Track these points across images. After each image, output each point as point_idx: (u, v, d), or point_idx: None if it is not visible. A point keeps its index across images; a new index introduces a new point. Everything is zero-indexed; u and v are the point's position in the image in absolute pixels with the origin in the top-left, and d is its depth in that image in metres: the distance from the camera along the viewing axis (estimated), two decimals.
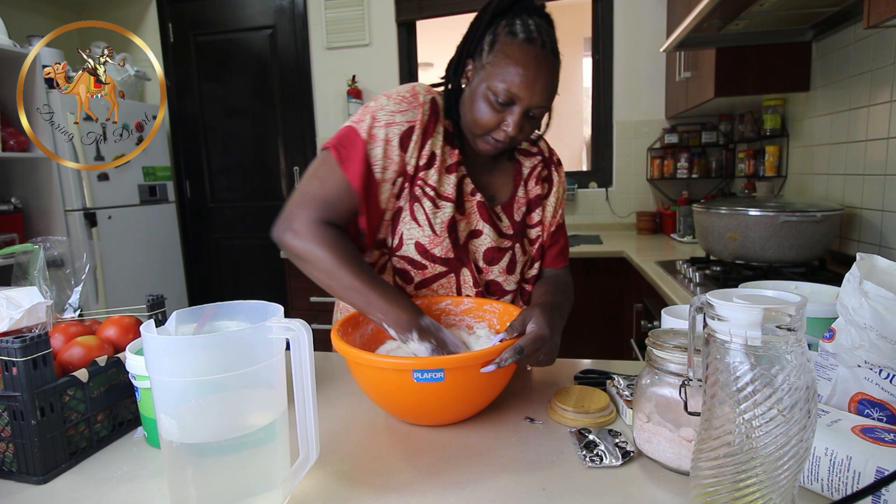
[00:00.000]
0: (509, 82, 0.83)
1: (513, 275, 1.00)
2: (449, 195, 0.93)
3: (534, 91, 0.83)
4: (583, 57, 4.43)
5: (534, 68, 0.82)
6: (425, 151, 0.91)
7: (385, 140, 0.88)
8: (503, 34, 0.84)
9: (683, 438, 0.60)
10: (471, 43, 0.89)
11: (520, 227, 1.01)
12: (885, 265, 0.66)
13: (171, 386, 0.53)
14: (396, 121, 0.89)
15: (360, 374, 0.76)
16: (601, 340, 2.51)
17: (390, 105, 0.90)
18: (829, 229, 1.60)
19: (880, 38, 1.56)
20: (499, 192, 1.02)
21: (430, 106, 0.91)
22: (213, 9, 3.39)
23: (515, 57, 0.82)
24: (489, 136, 0.89)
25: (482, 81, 0.86)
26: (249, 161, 3.51)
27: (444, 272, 0.95)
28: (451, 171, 0.94)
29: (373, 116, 0.89)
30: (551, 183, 1.07)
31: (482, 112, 0.86)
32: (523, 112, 0.85)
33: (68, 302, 0.85)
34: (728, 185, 2.86)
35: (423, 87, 0.94)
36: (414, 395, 0.72)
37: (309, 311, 2.65)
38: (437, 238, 0.92)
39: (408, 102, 0.90)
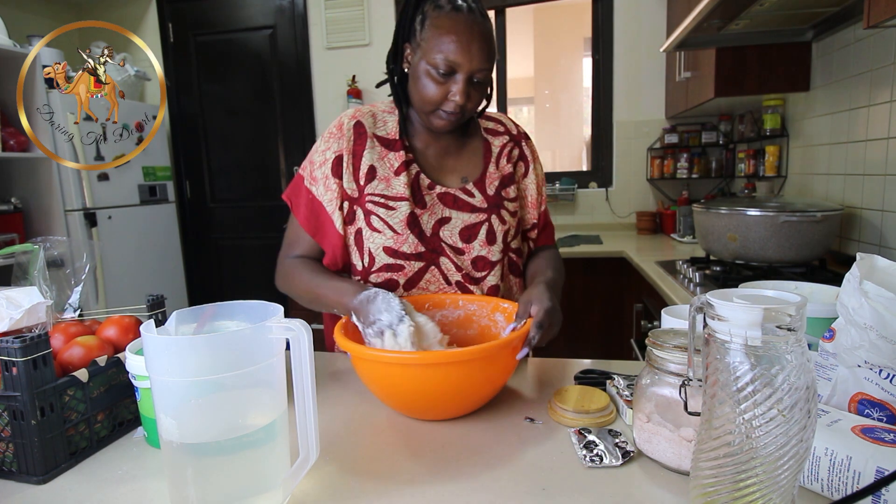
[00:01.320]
0: (445, 51, 0.86)
1: (494, 244, 1.01)
2: (401, 195, 0.96)
3: (471, 55, 0.87)
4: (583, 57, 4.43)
5: (466, 33, 0.86)
6: (362, 170, 0.97)
7: (324, 177, 0.97)
8: (430, 10, 0.89)
9: (683, 438, 0.60)
10: (403, 29, 0.93)
11: (494, 200, 1.03)
12: (885, 265, 0.66)
13: (171, 386, 0.53)
14: (327, 157, 0.97)
15: (364, 370, 0.76)
16: (601, 340, 2.51)
17: (322, 145, 0.99)
18: (829, 229, 1.60)
19: (880, 38, 1.56)
20: (471, 171, 1.05)
21: (353, 130, 0.98)
22: (213, 9, 3.39)
23: (446, 27, 0.86)
24: (440, 110, 0.92)
25: (421, 59, 0.90)
26: (249, 161, 3.51)
27: (424, 267, 0.98)
28: (399, 173, 0.97)
29: (310, 161, 1.00)
30: (526, 160, 1.09)
31: (427, 88, 0.90)
32: (467, 79, 0.88)
33: (68, 302, 0.85)
34: (728, 185, 2.86)
35: (348, 114, 1.00)
36: (419, 389, 0.73)
37: (309, 311, 2.65)
38: (400, 236, 0.96)
39: (333, 136, 0.98)
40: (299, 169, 1.02)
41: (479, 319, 0.96)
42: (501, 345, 0.74)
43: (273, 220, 3.42)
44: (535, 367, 0.96)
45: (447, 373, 0.72)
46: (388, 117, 1.02)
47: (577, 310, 2.49)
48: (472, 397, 0.77)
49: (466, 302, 0.97)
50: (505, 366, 0.77)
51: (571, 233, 2.91)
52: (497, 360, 0.75)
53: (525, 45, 4.78)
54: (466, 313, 0.97)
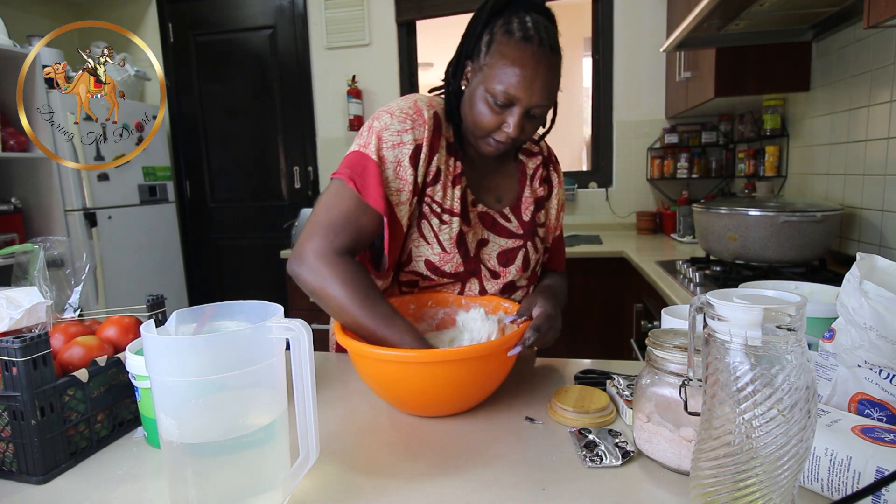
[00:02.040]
0: (507, 83, 0.82)
1: (527, 272, 1.00)
2: (455, 209, 0.92)
3: (532, 91, 0.82)
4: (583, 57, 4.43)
5: (531, 68, 0.81)
6: (432, 167, 0.90)
7: (395, 161, 0.87)
8: (499, 34, 0.83)
9: (683, 438, 0.60)
10: (468, 44, 0.88)
11: (530, 226, 1.01)
12: (885, 265, 0.66)
13: (171, 386, 0.53)
14: (404, 140, 0.87)
15: (365, 367, 0.76)
16: (601, 340, 2.51)
17: (395, 124, 0.88)
18: (829, 229, 1.60)
19: (880, 38, 1.56)
20: (505, 193, 1.02)
21: (433, 121, 0.90)
22: (213, 9, 3.39)
23: (512, 57, 0.81)
24: (490, 137, 0.88)
25: (480, 83, 0.85)
26: (249, 161, 3.51)
27: (450, 283, 0.96)
28: (456, 184, 0.93)
29: (378, 137, 0.87)
30: (551, 185, 1.07)
31: (482, 114, 0.86)
32: (523, 112, 0.84)
33: (68, 302, 0.85)
34: (728, 185, 2.86)
35: (424, 100, 0.92)
36: (419, 386, 0.74)
37: (309, 311, 2.65)
38: (447, 255, 0.92)
39: (412, 119, 0.88)
40: (358, 145, 0.88)
41: None
42: (498, 343, 0.75)
43: (273, 220, 3.42)
44: (535, 367, 0.96)
45: (446, 370, 0.72)
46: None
47: (577, 310, 2.49)
48: (472, 394, 0.78)
49: (469, 301, 0.97)
50: (502, 363, 0.78)
51: (571, 233, 2.91)
52: (494, 358, 0.76)
53: None
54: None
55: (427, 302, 0.97)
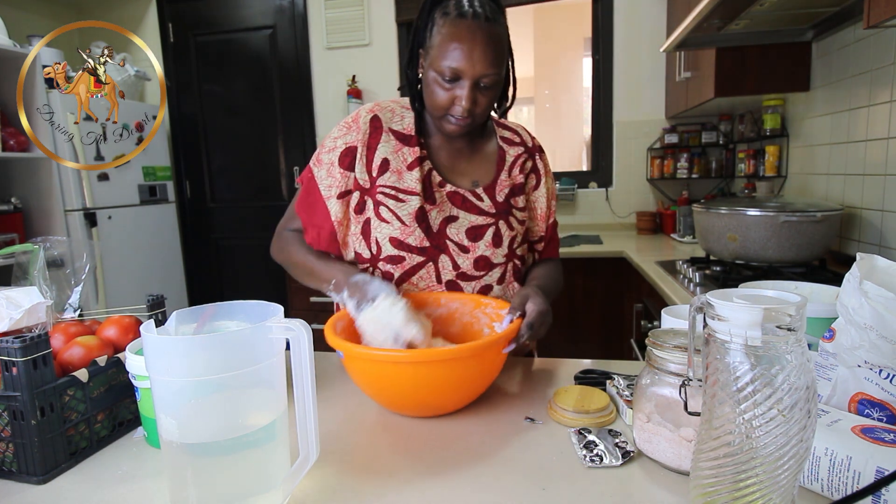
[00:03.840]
0: (449, 59, 0.88)
1: (500, 248, 1.02)
2: (412, 189, 0.98)
3: (473, 61, 0.87)
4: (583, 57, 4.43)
5: (468, 40, 0.87)
6: (375, 163, 0.98)
7: (329, 163, 1.00)
8: (438, 17, 0.90)
9: (683, 438, 0.60)
10: (418, 33, 0.95)
11: (503, 206, 1.04)
12: (885, 265, 0.66)
13: (171, 386, 0.53)
14: (337, 145, 1.00)
15: (354, 368, 0.77)
16: (601, 340, 2.51)
17: (335, 132, 1.02)
18: (829, 229, 1.60)
19: (880, 38, 1.56)
20: (482, 176, 1.06)
21: (369, 124, 0.99)
22: (213, 9, 3.39)
23: (450, 34, 0.88)
24: (448, 115, 0.93)
25: (429, 67, 0.92)
26: (249, 161, 3.51)
27: (422, 262, 0.99)
28: (412, 168, 0.99)
29: (321, 145, 1.03)
30: (538, 173, 1.10)
31: (435, 94, 0.92)
32: (472, 84, 0.89)
33: (68, 302, 0.85)
34: (728, 185, 2.86)
35: (365, 108, 1.02)
36: (412, 387, 0.74)
37: (309, 311, 2.65)
38: (408, 228, 0.97)
39: (347, 126, 1.00)
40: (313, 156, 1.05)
41: (461, 317, 0.97)
42: (492, 342, 0.75)
43: (273, 220, 3.37)
44: (535, 367, 0.96)
45: (440, 370, 0.72)
46: (406, 113, 1.03)
47: (577, 310, 2.49)
48: (464, 393, 0.78)
49: (448, 300, 0.97)
50: (494, 362, 0.78)
51: (571, 233, 2.91)
52: (487, 357, 0.76)
53: (525, 45, 4.78)
54: (449, 311, 0.97)
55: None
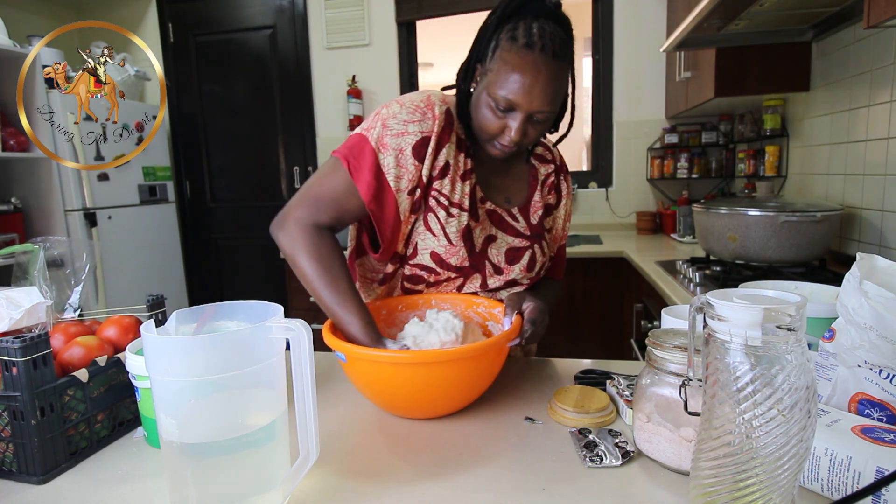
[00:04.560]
0: (507, 90, 0.83)
1: (531, 272, 1.01)
2: (463, 204, 0.93)
3: (532, 97, 0.83)
4: (583, 57, 4.43)
5: (531, 74, 0.82)
6: (439, 161, 0.91)
7: (397, 149, 0.88)
8: (504, 40, 0.84)
9: (683, 438, 0.60)
10: (479, 47, 0.88)
11: (537, 229, 1.02)
12: (885, 265, 0.66)
13: (171, 386, 0.53)
14: (409, 130, 0.88)
15: (354, 370, 0.76)
16: (601, 340, 2.51)
17: (403, 114, 0.89)
18: (829, 229, 1.60)
19: (880, 38, 1.56)
20: (515, 194, 1.03)
21: (444, 116, 0.91)
22: (213, 9, 3.39)
23: (512, 63, 0.82)
24: (495, 140, 0.89)
25: (484, 88, 0.86)
26: (249, 161, 3.51)
27: (454, 278, 0.96)
28: (465, 179, 0.94)
29: (384, 125, 0.89)
30: (560, 194, 1.07)
31: (486, 118, 0.87)
32: (525, 118, 0.85)
33: (68, 302, 0.85)
34: (728, 185, 2.86)
35: (437, 95, 0.93)
36: (411, 389, 0.73)
37: (309, 311, 2.65)
38: (453, 248, 0.92)
39: (421, 112, 0.90)
40: (362, 128, 0.91)
41: None
42: (493, 343, 0.74)
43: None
44: (535, 367, 0.96)
45: (440, 371, 0.72)
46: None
47: (577, 310, 2.49)
48: (465, 393, 0.78)
49: (440, 301, 0.97)
50: (494, 361, 0.78)
51: (571, 233, 2.91)
52: (488, 358, 0.76)
53: None
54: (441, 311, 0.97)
55: (397, 307, 0.97)
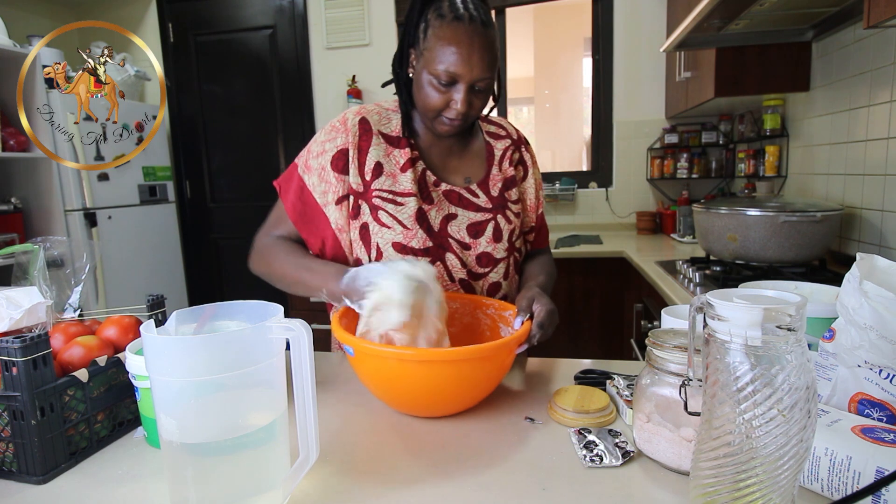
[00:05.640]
0: (447, 63, 0.87)
1: (500, 242, 1.03)
2: (408, 190, 0.97)
3: (471, 66, 0.87)
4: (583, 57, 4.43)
5: (466, 44, 0.86)
6: (368, 166, 0.97)
7: (320, 168, 0.97)
8: (433, 18, 0.89)
9: (683, 438, 0.60)
10: (409, 32, 0.94)
11: (499, 201, 1.05)
12: (885, 265, 0.66)
13: (171, 386, 0.53)
14: (326, 149, 0.97)
15: (363, 365, 0.76)
16: (601, 340, 2.51)
17: (321, 136, 1.00)
18: (829, 229, 1.60)
19: (880, 38, 1.56)
20: (474, 173, 1.06)
21: (358, 126, 0.98)
22: (213, 9, 3.39)
23: (447, 37, 0.87)
24: (442, 116, 0.93)
25: (423, 68, 0.91)
26: (249, 161, 3.50)
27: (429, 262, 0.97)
28: (406, 170, 0.98)
29: (308, 150, 1.01)
30: (525, 165, 1.11)
31: (430, 96, 0.91)
32: (468, 88, 0.90)
33: (68, 302, 0.85)
34: (728, 185, 2.86)
35: (352, 110, 1.01)
36: (418, 386, 0.74)
37: (309, 311, 2.65)
38: (410, 231, 0.96)
39: (336, 130, 0.98)
40: (296, 158, 1.03)
41: (461, 318, 0.97)
42: (505, 343, 0.75)
43: None
44: (535, 367, 0.96)
45: (450, 370, 0.72)
46: (392, 115, 1.03)
47: (577, 310, 2.49)
48: (471, 394, 0.78)
49: (449, 301, 0.96)
50: (502, 363, 0.78)
51: (571, 233, 2.91)
52: (499, 358, 0.76)
53: (525, 45, 4.78)
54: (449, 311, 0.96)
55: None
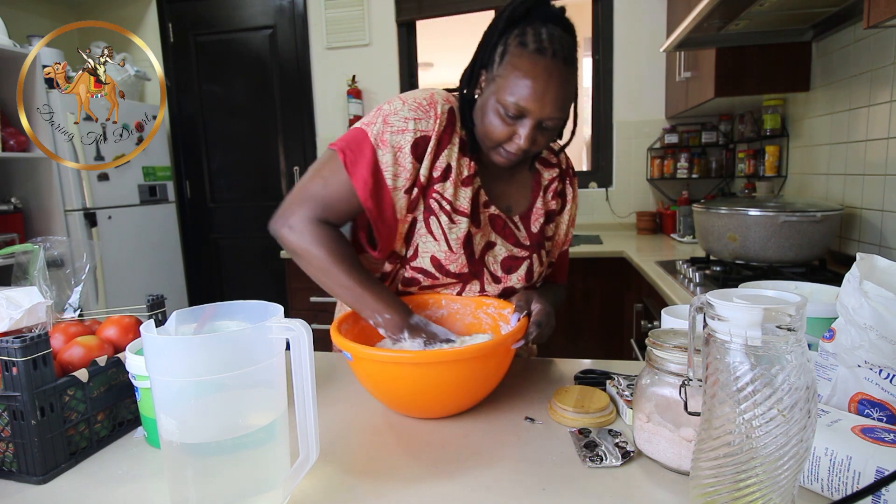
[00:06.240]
0: (518, 96, 0.81)
1: (529, 282, 0.99)
2: (464, 209, 0.91)
3: (544, 103, 0.81)
4: (583, 57, 4.43)
5: (543, 80, 0.80)
6: (440, 163, 0.89)
7: (396, 147, 0.86)
8: (513, 45, 0.82)
9: (683, 438, 0.60)
10: (484, 53, 0.86)
11: (537, 238, 1.00)
12: (885, 265, 0.66)
13: (171, 386, 0.52)
14: (409, 128, 0.86)
15: (362, 370, 0.76)
16: (601, 340, 2.51)
17: (404, 111, 0.87)
18: (829, 229, 1.60)
19: (880, 38, 1.56)
20: (516, 202, 1.00)
21: (447, 116, 0.89)
22: (213, 9, 3.39)
23: (524, 69, 0.80)
24: (501, 147, 0.87)
25: (492, 94, 0.84)
26: (249, 161, 3.50)
27: (454, 283, 0.95)
28: (467, 184, 0.92)
29: (384, 121, 0.87)
30: (565, 199, 1.05)
31: (493, 125, 0.85)
32: (535, 124, 0.83)
33: (68, 302, 0.85)
34: (728, 185, 2.86)
35: (441, 94, 0.91)
36: (419, 388, 0.74)
37: (309, 311, 2.65)
38: (454, 255, 0.91)
39: (423, 110, 0.87)
40: (362, 123, 0.89)
41: (462, 318, 0.96)
42: (500, 342, 0.75)
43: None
44: (535, 367, 0.96)
45: (447, 371, 0.72)
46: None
47: (577, 310, 2.49)
48: (472, 394, 0.78)
49: (450, 301, 0.97)
50: (501, 362, 0.78)
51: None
52: (495, 357, 0.76)
53: None
54: (450, 312, 0.96)
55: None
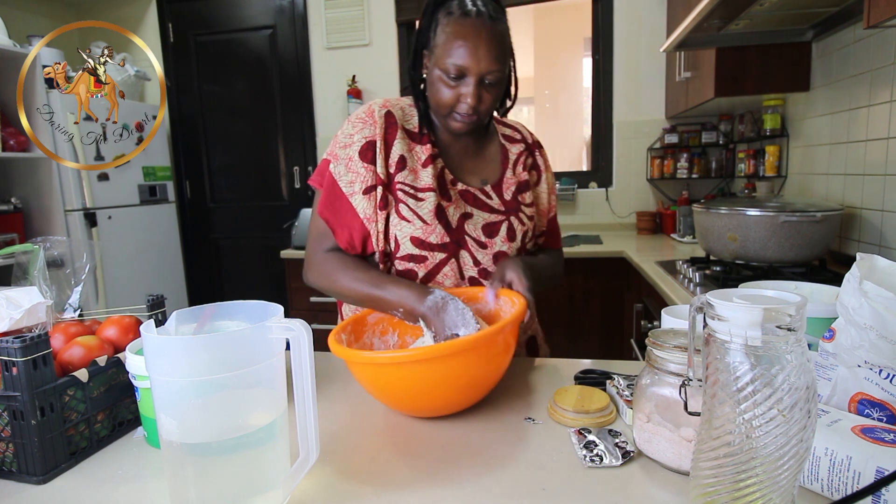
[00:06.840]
0: (455, 57, 0.89)
1: (514, 242, 1.04)
2: (428, 186, 0.99)
3: (478, 59, 0.89)
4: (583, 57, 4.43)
5: (472, 37, 0.88)
6: (393, 159, 0.98)
7: (347, 158, 0.97)
8: (442, 17, 0.92)
9: (683, 438, 0.60)
10: (421, 35, 0.96)
11: (512, 204, 1.06)
12: (885, 265, 0.66)
13: (171, 386, 0.52)
14: (354, 140, 0.98)
15: (361, 374, 0.76)
16: (601, 340, 2.51)
17: (348, 128, 1.00)
18: (829, 229, 1.60)
19: (880, 38, 1.56)
20: (488, 175, 1.08)
21: (384, 119, 0.99)
22: (213, 9, 3.39)
23: (454, 32, 0.89)
24: (454, 112, 0.95)
25: (434, 66, 0.93)
26: (249, 161, 3.51)
27: (445, 259, 0.99)
28: (426, 165, 1.00)
29: (334, 142, 1.01)
30: (539, 169, 1.13)
31: (440, 92, 0.93)
32: (477, 81, 0.91)
33: (68, 302, 0.85)
34: (728, 185, 2.86)
35: (377, 103, 1.02)
36: (419, 387, 0.73)
37: (309, 311, 2.65)
38: (429, 227, 0.97)
39: (363, 121, 0.99)
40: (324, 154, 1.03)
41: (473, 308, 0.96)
42: (487, 334, 0.72)
43: (273, 220, 3.42)
44: (535, 367, 0.96)
45: (449, 366, 0.71)
46: (413, 112, 1.04)
47: (577, 310, 2.49)
48: (472, 389, 0.77)
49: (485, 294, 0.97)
50: (499, 354, 0.77)
51: (571, 233, 2.91)
52: (491, 348, 0.74)
53: (525, 45, 4.78)
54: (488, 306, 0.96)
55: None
